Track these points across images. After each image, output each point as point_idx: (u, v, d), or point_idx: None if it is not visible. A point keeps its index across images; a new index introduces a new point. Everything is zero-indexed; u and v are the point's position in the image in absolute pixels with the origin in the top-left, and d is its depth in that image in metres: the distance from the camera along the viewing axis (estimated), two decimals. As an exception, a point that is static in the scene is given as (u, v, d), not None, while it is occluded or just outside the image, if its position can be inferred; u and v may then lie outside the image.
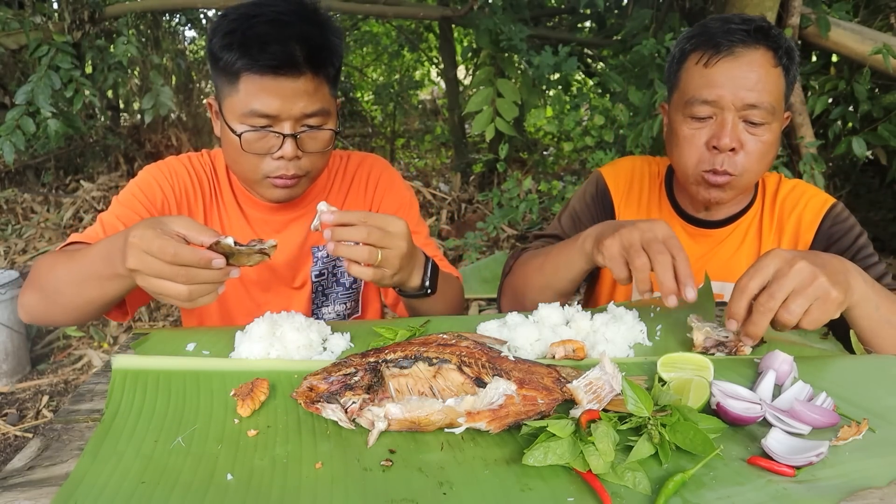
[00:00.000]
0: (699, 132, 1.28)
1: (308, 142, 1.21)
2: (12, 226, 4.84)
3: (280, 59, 1.12)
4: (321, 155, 1.26)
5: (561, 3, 5.49)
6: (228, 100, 1.18)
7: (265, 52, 1.11)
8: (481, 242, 4.02)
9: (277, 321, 1.02)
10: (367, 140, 7.74)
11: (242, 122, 1.17)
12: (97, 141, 5.89)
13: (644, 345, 1.06)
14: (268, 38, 1.12)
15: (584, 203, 1.53)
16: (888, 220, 4.12)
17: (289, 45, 1.13)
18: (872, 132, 2.92)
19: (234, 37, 1.13)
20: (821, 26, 2.73)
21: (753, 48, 1.24)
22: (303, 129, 1.19)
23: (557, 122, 3.49)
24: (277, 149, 1.18)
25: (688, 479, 0.68)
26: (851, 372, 0.96)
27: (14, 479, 0.69)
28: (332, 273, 1.46)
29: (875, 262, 1.32)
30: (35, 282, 1.11)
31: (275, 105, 1.14)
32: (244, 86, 1.14)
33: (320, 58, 1.17)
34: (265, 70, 1.12)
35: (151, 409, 0.83)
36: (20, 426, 2.74)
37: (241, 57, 1.12)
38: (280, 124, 1.16)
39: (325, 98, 1.20)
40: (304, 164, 1.22)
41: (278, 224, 1.40)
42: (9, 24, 3.39)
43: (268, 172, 1.21)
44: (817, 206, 1.38)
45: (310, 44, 1.15)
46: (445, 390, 0.80)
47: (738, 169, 1.26)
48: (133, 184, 1.32)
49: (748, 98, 1.23)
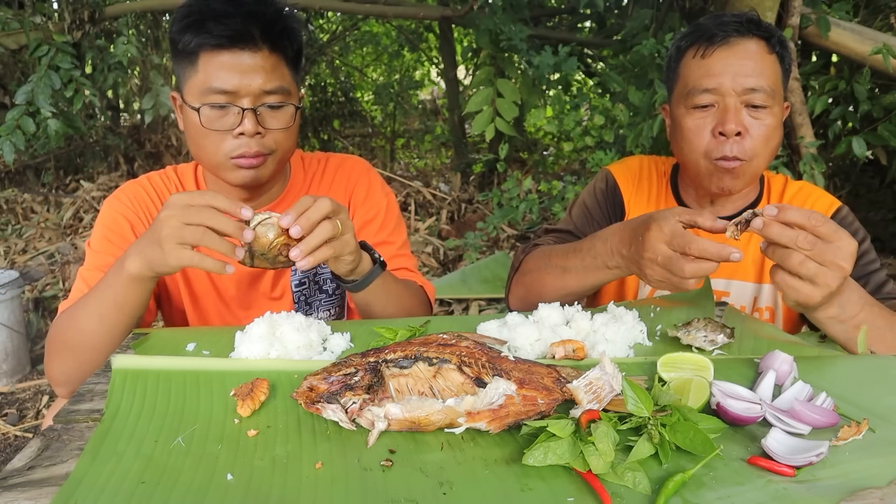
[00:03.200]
0: (703, 121, 1.29)
1: (269, 119, 1.20)
2: (12, 226, 4.84)
3: (235, 31, 1.13)
4: (285, 133, 1.24)
5: (561, 3, 5.49)
6: (189, 83, 1.19)
7: (220, 24, 1.13)
8: (481, 242, 4.02)
9: (277, 321, 1.02)
10: (367, 140, 7.74)
11: (203, 100, 1.17)
12: (97, 141, 5.89)
13: (644, 345, 1.06)
14: (223, 13, 1.14)
15: (594, 199, 1.53)
16: (888, 220, 4.12)
17: (244, 20, 1.14)
18: (872, 132, 2.92)
19: (191, 18, 1.15)
20: (821, 26, 2.73)
21: (747, 38, 1.28)
22: (263, 106, 1.18)
23: (557, 122, 3.49)
24: (238, 125, 1.17)
25: (688, 479, 0.68)
26: (851, 372, 0.96)
27: (14, 479, 0.69)
28: (314, 281, 1.44)
29: (876, 270, 1.32)
30: (56, 346, 1.12)
31: (233, 80, 1.15)
32: (203, 65, 1.16)
33: (277, 35, 1.18)
34: (222, 43, 1.14)
35: (151, 409, 0.83)
36: (20, 426, 2.74)
37: (196, 34, 1.14)
38: (239, 100, 1.17)
39: (284, 77, 1.21)
40: (267, 142, 1.21)
41: None
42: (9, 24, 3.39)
43: (230, 152, 1.19)
44: (822, 208, 1.38)
45: (265, 20, 1.16)
46: (445, 390, 0.80)
47: (746, 153, 1.26)
48: (99, 224, 1.32)
49: (747, 83, 1.25)
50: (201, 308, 1.39)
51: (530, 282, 1.39)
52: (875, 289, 1.30)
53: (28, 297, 3.73)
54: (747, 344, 1.08)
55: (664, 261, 1.02)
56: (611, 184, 1.52)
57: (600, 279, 1.23)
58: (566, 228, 1.52)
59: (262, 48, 1.16)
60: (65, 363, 1.12)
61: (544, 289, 1.33)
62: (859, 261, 1.33)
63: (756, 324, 1.17)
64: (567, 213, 1.57)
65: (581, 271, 1.25)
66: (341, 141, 7.49)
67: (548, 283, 1.32)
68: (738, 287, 1.41)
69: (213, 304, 1.39)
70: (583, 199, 1.55)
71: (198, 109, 1.17)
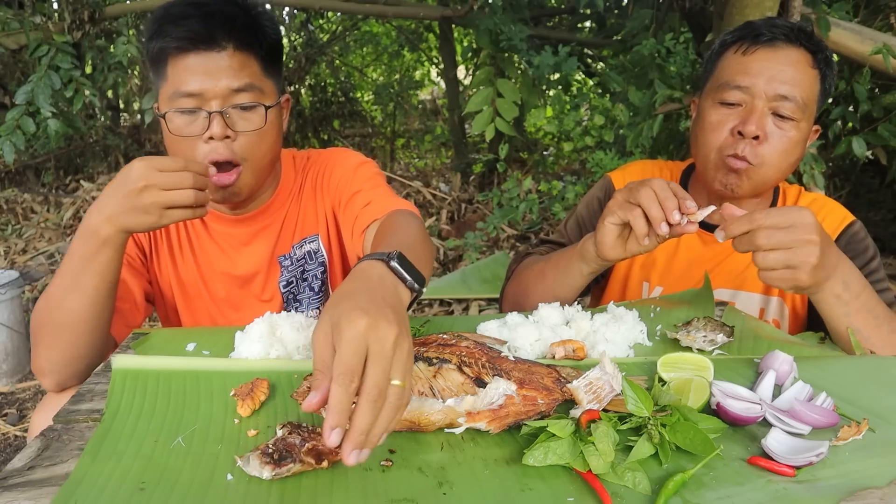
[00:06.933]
0: (727, 118, 1.27)
1: (238, 120, 1.16)
2: (12, 226, 4.84)
3: (195, 32, 1.12)
4: (258, 139, 1.19)
5: (561, 3, 5.49)
6: (161, 92, 1.18)
7: (179, 26, 1.12)
8: (481, 242, 4.02)
9: (277, 321, 1.02)
10: (367, 140, 7.74)
11: (170, 106, 1.16)
12: (97, 141, 5.89)
13: (644, 345, 1.06)
14: (181, 15, 1.13)
15: (591, 209, 1.52)
16: (888, 220, 4.12)
17: (204, 20, 1.13)
18: (872, 132, 2.91)
19: (157, 24, 1.15)
20: (821, 26, 2.73)
21: (794, 46, 1.25)
22: (234, 107, 1.16)
23: (557, 122, 3.49)
24: (207, 129, 1.15)
25: (688, 479, 0.68)
26: (851, 372, 0.96)
27: (14, 479, 0.69)
28: (302, 279, 1.43)
29: (883, 290, 1.30)
30: (38, 331, 1.09)
31: (198, 82, 1.13)
32: (170, 70, 1.15)
33: (241, 32, 1.15)
34: (183, 45, 1.12)
35: (151, 409, 0.83)
36: (20, 426, 2.74)
37: (159, 38, 1.13)
38: (207, 103, 1.14)
39: (253, 75, 1.17)
40: (238, 147, 1.17)
41: (244, 237, 1.36)
42: (9, 24, 3.38)
43: (202, 158, 1.15)
44: (835, 222, 1.36)
45: (228, 19, 1.14)
46: (445, 390, 0.80)
47: (757, 159, 1.24)
48: None
49: (781, 89, 1.22)
50: (193, 308, 1.39)
51: (517, 290, 1.41)
52: None
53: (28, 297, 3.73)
54: (747, 344, 1.08)
55: (615, 204, 1.11)
56: (609, 193, 1.51)
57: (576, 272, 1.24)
58: (560, 241, 1.52)
59: (225, 47, 1.14)
60: (49, 349, 1.09)
61: (529, 294, 1.34)
62: (867, 278, 1.31)
63: (756, 324, 1.17)
64: (562, 225, 1.56)
65: (556, 266, 1.28)
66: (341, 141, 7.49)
67: (531, 288, 1.34)
68: (745, 298, 1.39)
69: (204, 305, 1.39)
70: (579, 209, 1.55)
71: (164, 116, 1.16)
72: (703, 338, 1.03)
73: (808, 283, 1.01)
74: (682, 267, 1.43)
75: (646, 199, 1.05)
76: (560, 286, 1.28)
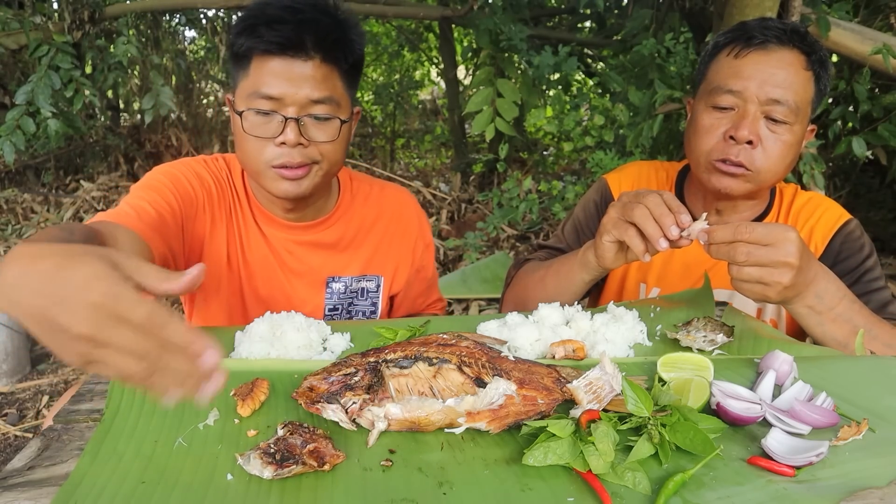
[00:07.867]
0: (719, 122, 1.27)
1: (313, 130, 1.17)
2: (12, 226, 4.84)
3: (286, 38, 1.12)
4: (332, 146, 1.20)
5: (561, 3, 5.48)
6: (240, 87, 1.18)
7: (272, 30, 1.12)
8: (481, 242, 4.02)
9: (277, 321, 1.02)
10: (367, 140, 7.73)
11: (248, 105, 1.16)
12: (97, 141, 5.88)
13: (644, 345, 1.06)
14: (278, 19, 1.12)
15: (587, 212, 1.52)
16: (888, 220, 4.12)
17: (298, 27, 1.12)
18: (872, 132, 2.91)
19: (247, 22, 1.14)
20: (821, 26, 2.73)
21: (787, 48, 1.23)
22: (308, 116, 1.16)
23: (557, 122, 3.49)
24: (280, 134, 1.15)
25: (688, 479, 0.68)
26: (851, 372, 0.96)
27: (14, 479, 0.69)
28: (347, 310, 1.41)
29: (879, 288, 1.30)
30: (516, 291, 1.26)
31: (280, 87, 1.13)
32: (254, 69, 1.15)
33: (331, 45, 1.15)
34: (272, 49, 1.12)
35: (151, 409, 0.83)
36: (20, 426, 2.74)
37: (249, 37, 1.13)
38: (285, 108, 1.14)
39: (334, 88, 1.18)
40: (310, 153, 1.18)
41: (297, 246, 1.35)
42: (9, 24, 3.38)
43: (271, 160, 1.16)
44: (831, 221, 1.36)
45: (320, 30, 1.14)
46: (445, 390, 0.80)
47: (754, 164, 1.24)
48: (159, 173, 1.25)
49: (773, 93, 1.22)
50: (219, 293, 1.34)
51: (517, 296, 1.41)
52: (878, 308, 1.26)
53: (28, 297, 3.72)
54: (747, 344, 1.08)
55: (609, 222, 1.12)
56: (605, 197, 1.51)
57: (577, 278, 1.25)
58: (558, 246, 1.52)
59: (313, 57, 1.13)
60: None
61: (528, 300, 1.34)
62: (862, 277, 1.31)
63: (756, 324, 1.17)
64: (560, 229, 1.56)
65: (557, 272, 1.29)
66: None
67: (531, 294, 1.34)
68: (742, 298, 1.37)
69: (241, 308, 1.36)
70: (576, 213, 1.55)
71: (241, 113, 1.16)
72: (703, 338, 1.03)
73: (777, 300, 1.04)
74: (679, 268, 1.43)
75: (640, 217, 1.05)
76: (561, 292, 1.28)
